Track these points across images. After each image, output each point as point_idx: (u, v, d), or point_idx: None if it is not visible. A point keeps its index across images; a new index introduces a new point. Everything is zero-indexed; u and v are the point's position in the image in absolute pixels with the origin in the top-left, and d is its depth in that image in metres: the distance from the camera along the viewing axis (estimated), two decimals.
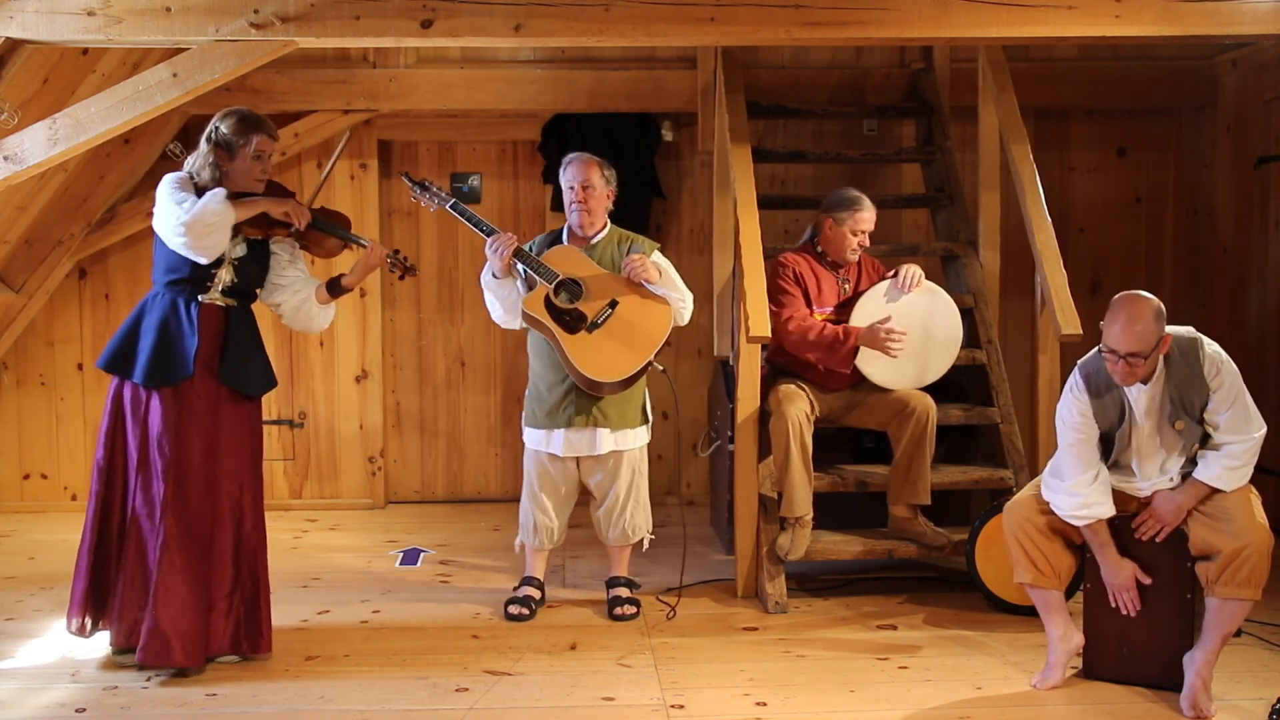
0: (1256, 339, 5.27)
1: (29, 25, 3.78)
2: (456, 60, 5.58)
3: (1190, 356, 3.20)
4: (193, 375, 3.41)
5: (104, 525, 3.46)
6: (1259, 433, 3.21)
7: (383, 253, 3.72)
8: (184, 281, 3.44)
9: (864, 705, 3.27)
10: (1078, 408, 3.29)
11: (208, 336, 3.45)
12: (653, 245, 4.06)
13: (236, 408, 3.53)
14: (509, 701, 3.30)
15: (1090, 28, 3.94)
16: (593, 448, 3.96)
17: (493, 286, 3.95)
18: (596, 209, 4.01)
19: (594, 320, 3.85)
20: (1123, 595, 3.31)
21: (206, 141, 3.47)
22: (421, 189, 4.03)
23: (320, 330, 3.81)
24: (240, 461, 3.52)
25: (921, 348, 4.25)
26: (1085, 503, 3.27)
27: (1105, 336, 3.15)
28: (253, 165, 3.48)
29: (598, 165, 4.02)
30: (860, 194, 4.32)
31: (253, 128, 3.46)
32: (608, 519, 4.08)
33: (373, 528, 5.41)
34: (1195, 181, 5.82)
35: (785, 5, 3.88)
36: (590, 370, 3.81)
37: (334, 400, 5.75)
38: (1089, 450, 3.29)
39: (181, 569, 3.38)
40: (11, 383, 5.67)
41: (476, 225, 3.93)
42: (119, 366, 3.45)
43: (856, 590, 4.32)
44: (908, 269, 4.28)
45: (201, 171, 3.44)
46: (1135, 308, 3.11)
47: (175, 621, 3.36)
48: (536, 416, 4.01)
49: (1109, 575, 3.32)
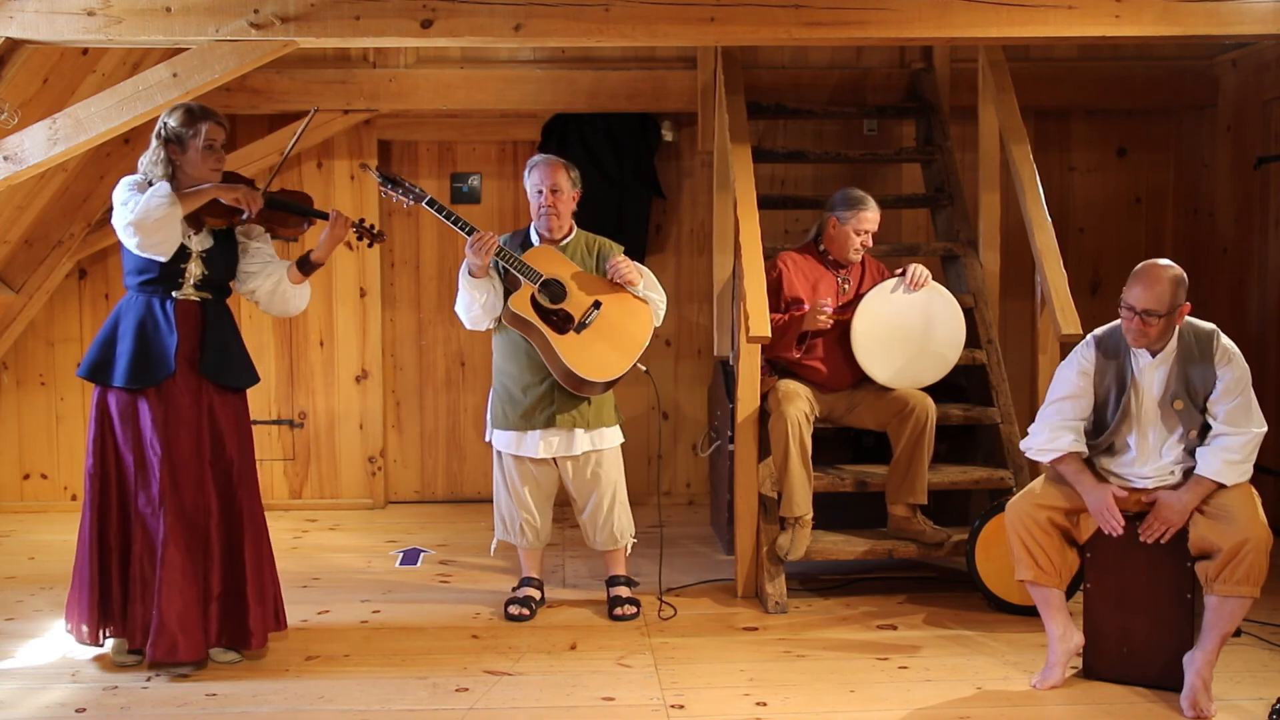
0: (1256, 339, 5.27)
1: (29, 25, 3.78)
2: (456, 60, 5.58)
3: (1205, 343, 3.26)
4: (175, 373, 3.41)
5: (103, 531, 3.45)
6: (1258, 430, 3.23)
7: (347, 222, 3.66)
8: (155, 281, 3.43)
9: (864, 705, 3.27)
10: (1080, 366, 3.40)
11: (186, 333, 3.44)
12: (619, 248, 4.07)
13: (223, 402, 3.51)
14: (509, 701, 3.30)
15: (1090, 28, 3.95)
16: (569, 448, 3.94)
17: (470, 285, 3.88)
18: (564, 212, 3.99)
19: (581, 321, 3.85)
20: (1104, 514, 3.32)
21: (156, 138, 3.44)
22: (392, 184, 3.89)
23: (299, 311, 3.74)
24: (232, 455, 3.51)
25: (924, 347, 4.26)
26: (1051, 438, 3.39)
27: (1125, 294, 3.25)
28: (206, 157, 3.44)
29: (564, 168, 3.98)
30: (865, 194, 4.33)
31: (200, 117, 3.44)
32: (593, 525, 4.07)
33: (373, 528, 5.41)
34: (1195, 181, 5.82)
35: (785, 5, 3.88)
36: (584, 370, 3.81)
37: (334, 400, 5.75)
38: (1073, 408, 3.40)
39: (181, 565, 3.39)
40: (11, 383, 5.67)
41: (454, 223, 3.84)
42: (99, 374, 3.43)
43: (856, 590, 4.32)
44: (914, 268, 4.29)
45: (154, 169, 3.42)
46: (1157, 270, 3.22)
47: (180, 618, 3.37)
48: (509, 418, 3.96)
49: (1088, 498, 3.35)
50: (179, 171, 3.44)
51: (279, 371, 5.74)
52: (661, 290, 4.04)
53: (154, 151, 3.43)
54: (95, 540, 3.45)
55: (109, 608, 3.47)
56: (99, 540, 3.45)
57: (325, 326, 5.73)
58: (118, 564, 3.45)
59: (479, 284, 3.87)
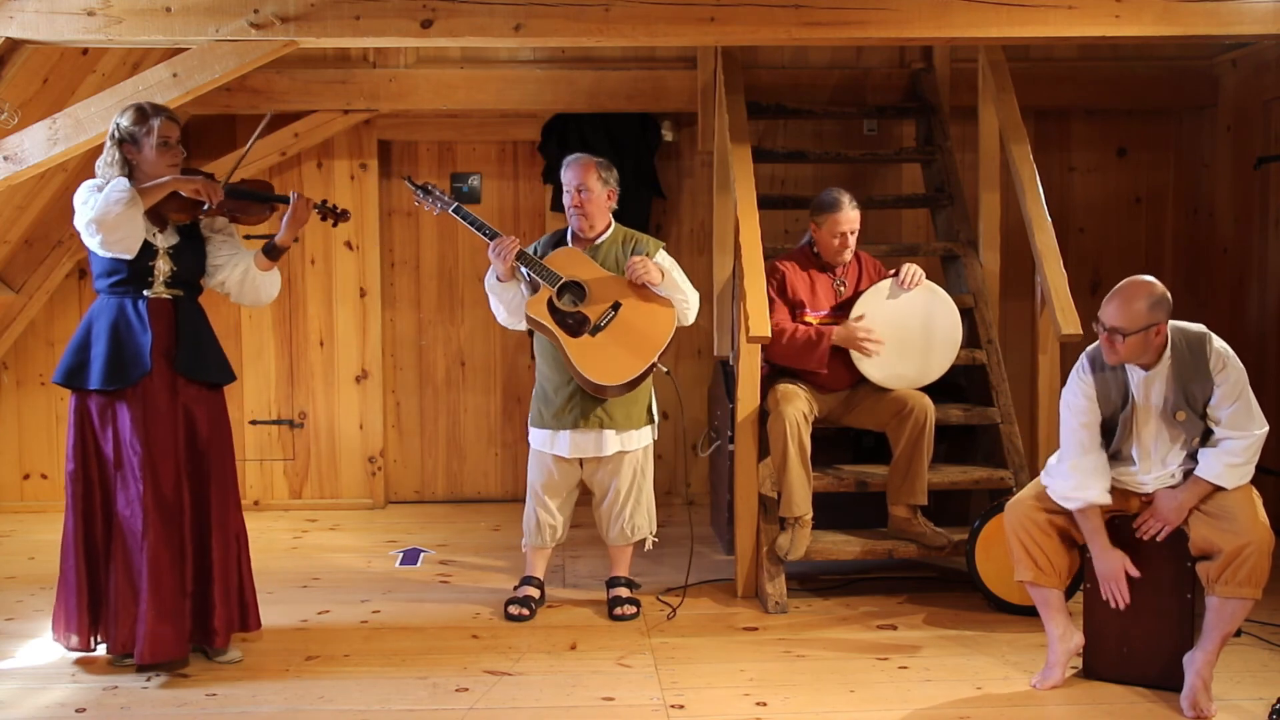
0: (1256, 339, 5.27)
1: (29, 25, 3.78)
2: (456, 60, 5.58)
3: (1197, 350, 3.22)
4: (151, 371, 3.40)
5: (88, 535, 3.43)
6: (1260, 431, 3.21)
7: (308, 204, 3.64)
8: (126, 281, 3.42)
9: (864, 705, 3.27)
10: (1082, 389, 3.33)
11: (161, 331, 3.43)
12: (658, 245, 4.05)
13: (199, 399, 3.50)
14: (509, 701, 3.30)
15: (1090, 28, 3.95)
16: (599, 449, 3.96)
17: (496, 290, 3.95)
18: (594, 212, 3.99)
19: (597, 323, 3.85)
20: (1110, 586, 3.30)
21: (110, 139, 3.43)
22: (425, 193, 4.02)
23: (270, 299, 3.73)
24: (204, 452, 3.49)
25: (921, 347, 4.26)
26: (1080, 484, 3.29)
27: (1101, 308, 3.22)
28: (162, 154, 3.43)
29: (596, 167, 3.99)
30: (841, 195, 4.29)
31: (152, 114, 3.43)
32: (607, 517, 4.08)
33: (373, 528, 5.41)
34: (1195, 181, 5.82)
35: (785, 5, 3.88)
36: (592, 374, 3.81)
37: (334, 400, 5.75)
38: (1091, 435, 3.32)
39: (167, 564, 3.39)
40: (11, 383, 5.67)
41: (479, 229, 3.92)
42: (75, 379, 3.42)
43: (856, 590, 4.32)
44: (908, 268, 4.29)
45: (110, 170, 3.42)
46: (1132, 288, 3.18)
47: (166, 616, 3.37)
48: (543, 417, 4.01)
49: (1099, 564, 3.32)
50: (136, 171, 3.43)
51: (279, 371, 5.75)
52: (689, 288, 3.99)
53: (109, 153, 3.43)
54: (81, 546, 3.43)
55: (99, 614, 3.45)
56: (85, 546, 3.43)
57: (325, 326, 5.73)
58: (105, 567, 3.43)
59: (505, 288, 3.92)
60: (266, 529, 5.36)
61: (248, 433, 5.73)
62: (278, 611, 4.07)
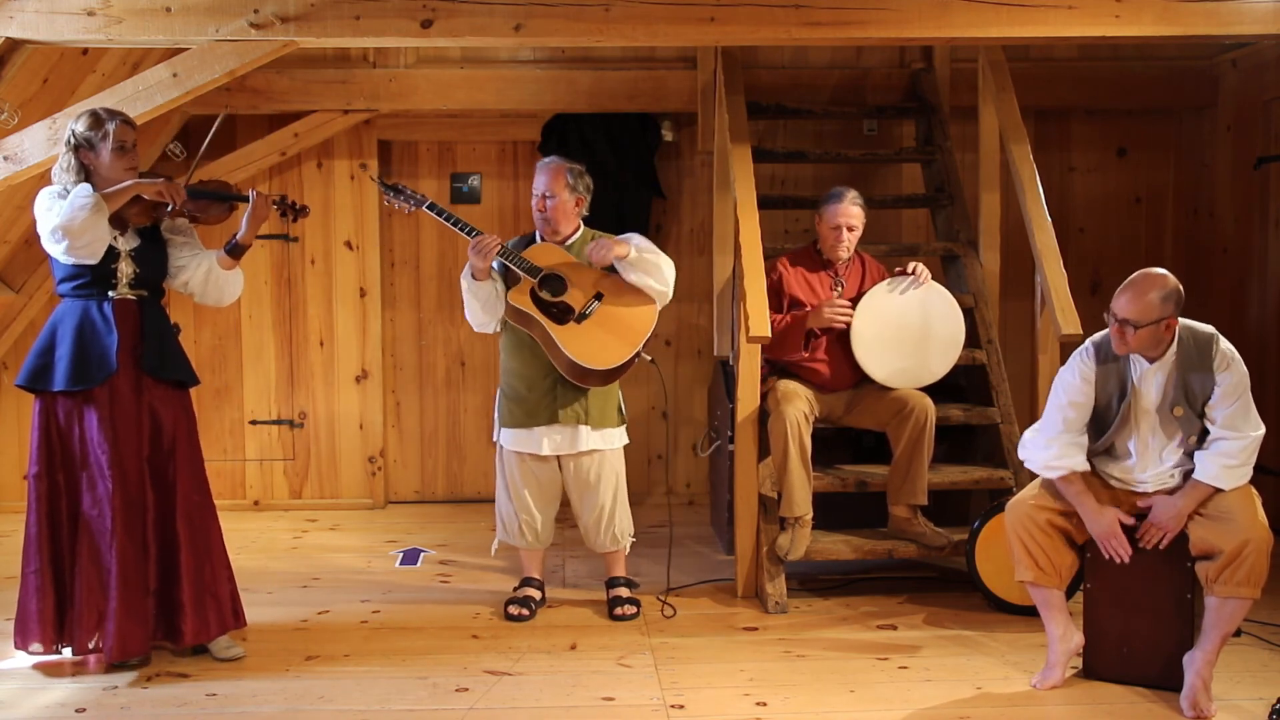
0: (1256, 339, 5.27)
1: (29, 25, 3.78)
2: (456, 60, 5.58)
3: (1204, 347, 3.24)
4: (118, 371, 3.40)
5: (54, 538, 3.42)
6: (1256, 433, 3.22)
7: (268, 200, 3.64)
8: (89, 285, 3.42)
9: (864, 705, 3.27)
10: (1081, 371, 3.35)
11: (126, 332, 3.43)
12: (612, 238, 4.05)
13: (165, 399, 3.50)
14: (509, 701, 3.30)
15: (1090, 28, 3.95)
16: (574, 445, 3.95)
17: (474, 288, 3.89)
18: (557, 219, 3.96)
19: (581, 312, 3.85)
20: (1110, 543, 3.31)
21: (67, 146, 3.42)
22: (395, 193, 3.96)
23: (234, 298, 3.72)
24: (169, 451, 3.48)
25: (922, 347, 4.26)
26: (1060, 454, 3.33)
27: (1113, 299, 3.24)
28: (118, 158, 3.42)
29: (566, 174, 3.95)
30: (846, 190, 4.33)
31: (107, 117, 3.43)
32: (596, 528, 4.07)
33: (373, 528, 5.42)
34: (1195, 181, 5.82)
35: (785, 5, 3.89)
36: (583, 358, 3.81)
37: (334, 400, 5.75)
38: (1078, 416, 3.35)
39: (133, 561, 3.39)
40: (11, 383, 5.66)
41: (457, 225, 3.86)
42: (39, 380, 3.42)
43: (856, 590, 4.32)
44: (916, 266, 4.30)
45: (67, 177, 3.41)
46: (1146, 281, 3.21)
47: (134, 613, 3.37)
48: (515, 416, 3.97)
49: (1092, 524, 3.33)
50: (94, 176, 3.42)
51: (279, 371, 5.75)
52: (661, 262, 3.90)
53: (65, 159, 3.42)
54: (47, 550, 3.42)
55: (65, 616, 3.43)
56: (51, 549, 3.42)
57: (325, 326, 5.73)
58: (70, 569, 3.42)
59: (480, 286, 3.87)
60: (266, 529, 5.37)
61: (248, 433, 5.73)
62: (278, 611, 4.07)
